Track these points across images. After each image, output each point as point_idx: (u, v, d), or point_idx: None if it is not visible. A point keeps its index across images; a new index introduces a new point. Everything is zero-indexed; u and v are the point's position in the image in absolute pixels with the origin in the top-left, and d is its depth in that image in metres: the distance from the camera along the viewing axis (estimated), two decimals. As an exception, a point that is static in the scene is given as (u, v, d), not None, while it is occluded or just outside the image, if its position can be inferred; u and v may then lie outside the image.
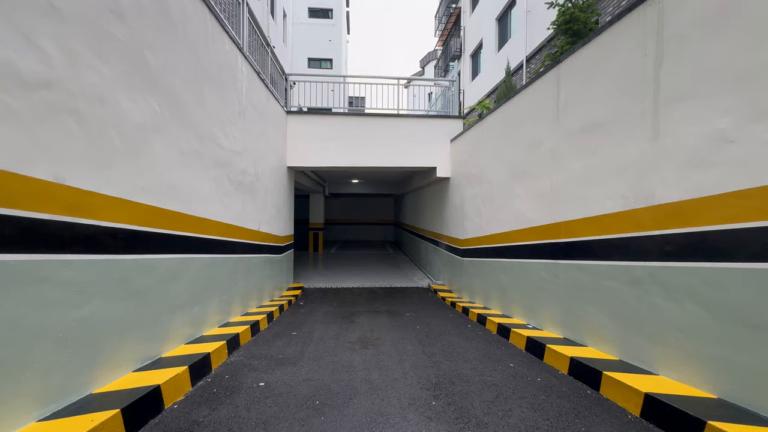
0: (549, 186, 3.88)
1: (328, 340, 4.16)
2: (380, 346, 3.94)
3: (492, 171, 5.40)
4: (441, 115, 8.11)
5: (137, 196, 2.56)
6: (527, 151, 4.36)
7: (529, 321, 4.30)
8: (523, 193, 4.48)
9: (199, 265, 3.58)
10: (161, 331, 2.91)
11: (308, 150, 7.28)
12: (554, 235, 3.78)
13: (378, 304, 6.19)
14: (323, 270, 10.01)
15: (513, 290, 4.71)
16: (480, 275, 5.83)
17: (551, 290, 3.83)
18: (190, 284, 3.38)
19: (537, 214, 4.13)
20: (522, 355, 3.60)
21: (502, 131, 5.07)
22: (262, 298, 5.70)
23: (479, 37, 16.26)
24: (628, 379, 2.43)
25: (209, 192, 3.80)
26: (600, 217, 3.10)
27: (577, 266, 3.40)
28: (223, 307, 4.20)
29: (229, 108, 4.32)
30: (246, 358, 3.50)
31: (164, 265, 2.95)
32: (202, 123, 3.60)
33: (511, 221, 4.79)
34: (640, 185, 2.67)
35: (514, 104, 4.75)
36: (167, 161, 2.97)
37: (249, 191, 5.02)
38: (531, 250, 4.26)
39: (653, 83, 2.56)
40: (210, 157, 3.80)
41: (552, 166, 3.83)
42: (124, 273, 2.45)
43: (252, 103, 5.13)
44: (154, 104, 2.76)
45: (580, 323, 3.36)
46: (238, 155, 4.58)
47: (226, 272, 4.31)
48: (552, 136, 3.83)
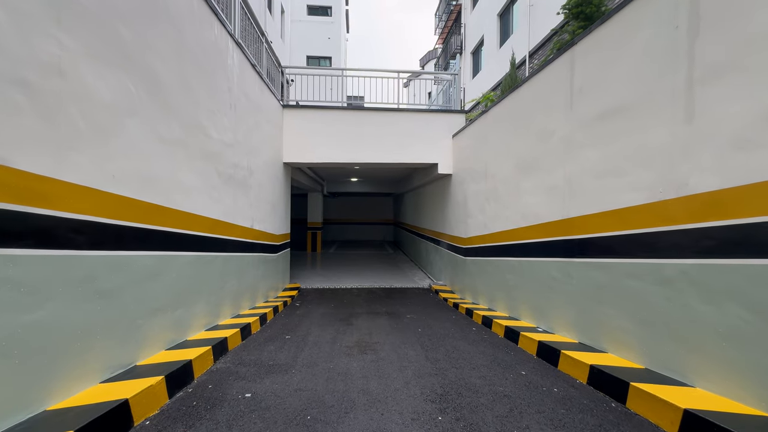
0: (562, 179, 3.60)
1: (324, 345, 3.87)
2: (380, 351, 3.65)
3: (497, 166, 5.12)
4: (442, 109, 7.83)
5: (107, 185, 2.28)
6: (536, 143, 4.08)
7: (538, 324, 4.02)
8: (531, 188, 4.20)
9: (183, 263, 3.29)
10: (137, 336, 2.62)
11: (305, 145, 7.00)
12: (567, 232, 3.50)
13: (377, 306, 5.90)
14: (321, 270, 9.72)
15: (521, 291, 4.43)
16: (484, 275, 5.55)
17: (564, 291, 3.55)
18: (172, 284, 3.10)
19: (548, 209, 3.86)
20: (533, 362, 3.31)
21: (509, 123, 4.79)
22: (255, 299, 5.41)
23: (480, 34, 16.00)
24: (661, 392, 2.15)
25: (195, 185, 3.52)
26: (621, 210, 2.82)
27: (594, 265, 3.13)
28: (211, 309, 3.91)
29: (219, 97, 4.04)
30: (233, 364, 3.21)
31: (140, 262, 2.66)
32: (187, 110, 3.32)
33: (518, 218, 4.51)
34: (671, 174, 2.39)
35: (521, 94, 4.48)
36: (145, 148, 2.69)
37: (241, 186, 4.74)
38: (541, 248, 3.98)
39: (686, 58, 2.28)
40: (196, 147, 3.52)
41: (565, 157, 3.56)
42: (90, 271, 2.16)
43: (245, 94, 4.85)
44: (127, 84, 2.48)
45: (598, 327, 3.08)
46: (228, 147, 4.30)
47: (215, 271, 4.02)
48: (565, 125, 3.56)
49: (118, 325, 2.42)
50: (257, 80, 5.37)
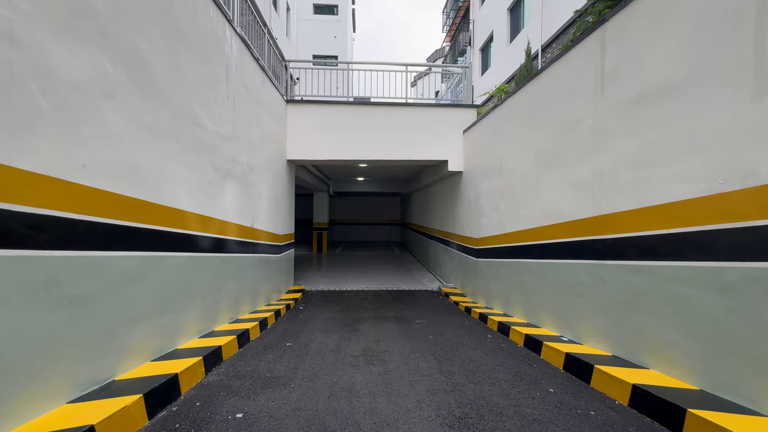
0: (590, 172, 3.24)
1: (327, 354, 3.55)
2: (388, 362, 3.32)
3: (513, 161, 4.76)
4: (453, 104, 7.48)
5: (76, 176, 1.99)
6: (560, 134, 3.72)
7: (563, 332, 3.66)
8: (554, 183, 3.84)
9: (173, 264, 3.00)
10: (115, 347, 2.33)
11: (310, 142, 6.70)
12: (598, 231, 3.14)
13: (384, 310, 5.57)
14: (326, 271, 9.42)
15: (541, 296, 4.07)
16: (498, 278, 5.19)
17: (594, 296, 3.19)
18: (160, 287, 2.81)
19: (573, 206, 3.49)
20: (561, 377, 2.95)
21: (527, 114, 4.43)
22: (256, 302, 5.12)
23: (489, 30, 15.60)
24: (730, 423, 1.79)
25: (187, 179, 3.23)
26: (667, 206, 2.46)
27: (631, 268, 2.76)
28: (206, 314, 3.62)
29: (215, 86, 3.75)
30: (227, 377, 2.91)
31: (121, 264, 2.37)
32: (177, 97, 3.04)
33: (538, 216, 4.15)
34: (734, 161, 2.02)
35: (541, 82, 4.12)
36: (126, 136, 2.40)
37: (240, 182, 4.45)
38: (565, 248, 3.62)
39: (754, 22, 1.92)
40: (189, 138, 3.23)
41: (594, 148, 3.19)
42: (54, 274, 1.87)
43: (244, 85, 4.57)
44: (104, 62, 2.19)
45: (637, 338, 2.71)
46: (226, 140, 4.01)
47: (211, 273, 3.73)
48: (594, 112, 3.19)
49: (92, 335, 2.13)
50: (258, 72, 5.09)
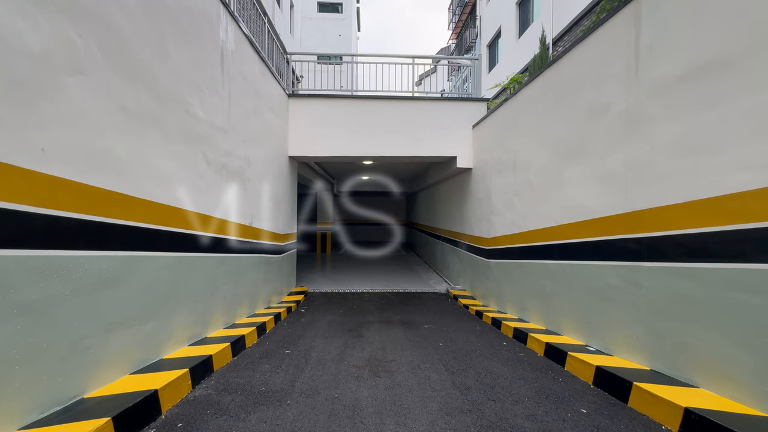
0: (622, 163, 2.90)
1: (329, 363, 3.24)
2: (395, 374, 3.01)
3: (529, 155, 4.42)
4: (461, 97, 7.15)
5: (31, 161, 1.70)
6: (584, 123, 3.38)
7: (588, 341, 3.31)
8: (577, 177, 3.50)
9: (158, 265, 2.71)
10: (84, 361, 2.04)
11: (312, 138, 6.40)
12: (632, 228, 2.79)
13: (391, 313, 5.26)
14: (330, 272, 9.12)
15: (562, 301, 3.72)
16: (512, 280, 4.84)
17: (627, 302, 2.84)
18: (142, 291, 2.52)
19: (601, 201, 3.15)
20: (592, 394, 2.61)
21: (545, 103, 4.09)
22: (255, 305, 4.83)
23: (497, 25, 15.23)
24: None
25: (175, 172, 2.94)
26: (721, 199, 2.11)
27: (675, 271, 2.41)
28: (197, 320, 3.33)
29: (208, 71, 3.47)
30: (216, 391, 2.61)
31: (92, 266, 2.08)
32: (163, 80, 2.75)
33: (558, 213, 3.80)
34: (815, 142, 1.68)
35: (562, 67, 3.78)
36: (97, 119, 2.11)
37: (237, 178, 4.17)
38: (591, 249, 3.27)
39: None
40: (176, 126, 2.95)
41: (627, 136, 2.85)
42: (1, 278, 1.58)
43: (242, 74, 4.28)
44: (69, 33, 1.90)
45: (683, 352, 2.36)
46: (220, 131, 3.72)
47: (204, 275, 3.44)
48: (626, 96, 2.85)
49: (53, 347, 1.84)
50: (257, 61, 4.80)
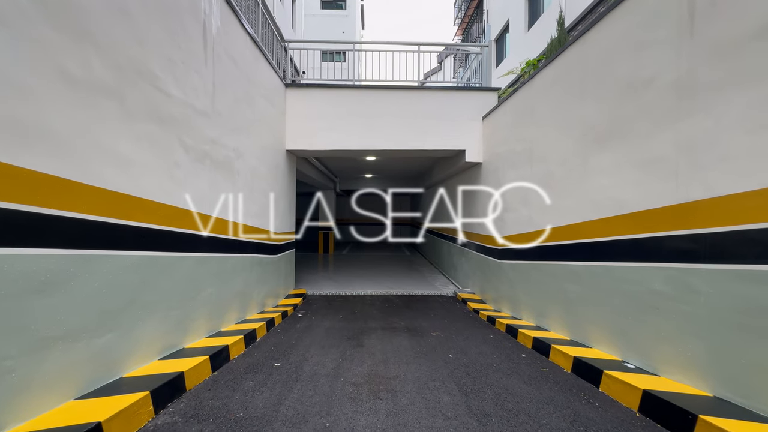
0: (672, 144, 2.42)
1: (323, 380, 2.80)
2: (399, 395, 2.55)
3: (549, 144, 3.95)
4: (470, 87, 6.68)
5: None
6: (620, 101, 2.91)
7: (625, 357, 2.83)
8: (609, 166, 3.02)
9: (117, 267, 2.29)
10: (3, 388, 1.61)
11: (311, 131, 5.97)
12: (685, 223, 2.32)
13: (394, 318, 4.80)
14: (332, 273, 8.69)
15: (590, 307, 3.25)
16: (528, 283, 4.37)
17: (679, 312, 2.36)
18: (93, 298, 2.09)
19: (641, 192, 2.67)
20: (641, 426, 2.14)
21: (569, 85, 3.62)
22: (246, 309, 4.41)
23: (505, 19, 14.71)
24: None
25: (141, 156, 2.52)
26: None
27: (748, 275, 1.94)
28: (171, 328, 2.91)
29: (186, 46, 3.05)
30: (184, 418, 2.17)
31: (17, 267, 1.65)
32: (123, 45, 2.32)
33: (585, 208, 3.33)
34: None
35: (589, 42, 3.31)
36: (23, 83, 1.69)
37: (224, 170, 3.74)
38: (629, 248, 2.79)
39: None
40: (142, 103, 2.52)
41: (678, 111, 2.38)
42: None
43: (230, 55, 3.86)
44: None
45: (762, 376, 1.89)
46: (203, 116, 3.30)
47: (181, 277, 3.02)
48: (677, 63, 2.38)
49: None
50: (248, 44, 4.38)
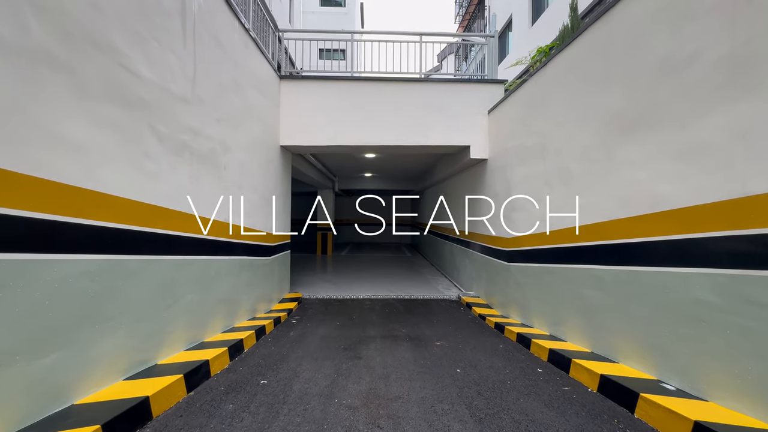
0: (723, 130, 2.06)
1: (314, 402, 2.43)
2: (402, 421, 2.19)
3: (565, 136, 3.59)
4: (475, 79, 6.31)
5: None
6: (653, 83, 2.54)
7: (662, 375, 2.46)
8: (641, 157, 2.66)
9: (66, 274, 1.92)
10: None
11: (307, 125, 5.60)
12: (740, 222, 1.95)
13: (395, 325, 4.44)
14: (330, 276, 8.32)
15: (616, 317, 2.88)
16: (540, 288, 4.00)
17: (733, 327, 1.99)
18: (30, 313, 1.72)
19: (682, 186, 2.31)
20: (692, 464, 1.78)
21: (588, 70, 3.25)
22: (234, 316, 4.04)
23: (507, 14, 14.36)
24: None
25: (99, 143, 2.15)
26: None
27: (834, 285, 1.58)
28: (140, 343, 2.54)
29: (159, 21, 2.69)
30: (144, 455, 1.81)
31: None
32: (73, 10, 1.97)
33: (609, 205, 2.97)
34: None
35: (614, 20, 2.95)
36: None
37: (208, 163, 3.38)
38: (666, 250, 2.43)
39: None
40: (99, 80, 2.15)
41: (732, 91, 2.01)
42: None
43: (214, 37, 3.50)
44: None
45: None
46: (181, 102, 2.94)
47: (152, 283, 2.65)
48: (731, 35, 2.01)
49: None
50: (237, 27, 4.01)
